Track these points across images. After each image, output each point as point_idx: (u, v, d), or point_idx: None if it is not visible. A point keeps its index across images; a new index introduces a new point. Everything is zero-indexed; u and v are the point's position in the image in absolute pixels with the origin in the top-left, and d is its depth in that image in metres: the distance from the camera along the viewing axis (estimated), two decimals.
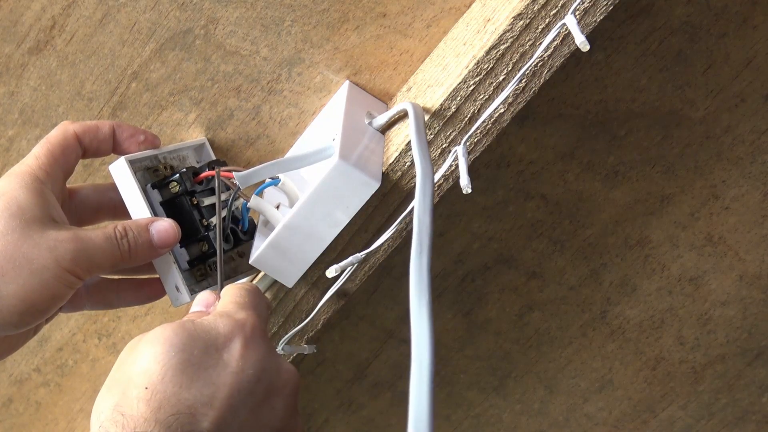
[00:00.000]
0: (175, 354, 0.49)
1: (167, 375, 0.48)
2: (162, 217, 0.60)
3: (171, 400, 0.47)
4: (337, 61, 0.67)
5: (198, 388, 0.48)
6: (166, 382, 0.48)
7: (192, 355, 0.49)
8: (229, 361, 0.50)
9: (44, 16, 0.66)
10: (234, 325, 0.51)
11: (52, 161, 0.58)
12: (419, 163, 0.54)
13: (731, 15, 0.67)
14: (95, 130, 0.61)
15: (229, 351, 0.50)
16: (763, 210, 0.76)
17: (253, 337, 0.51)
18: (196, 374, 0.49)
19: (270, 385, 0.50)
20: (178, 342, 0.49)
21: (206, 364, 0.49)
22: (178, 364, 0.48)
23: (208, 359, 0.49)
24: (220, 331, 0.51)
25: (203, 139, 0.68)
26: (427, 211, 0.50)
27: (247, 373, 0.50)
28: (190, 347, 0.49)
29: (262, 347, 0.51)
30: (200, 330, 0.50)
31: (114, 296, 0.64)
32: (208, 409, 0.48)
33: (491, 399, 0.86)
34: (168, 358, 0.49)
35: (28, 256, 0.55)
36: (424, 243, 0.48)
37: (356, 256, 0.60)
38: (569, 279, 0.79)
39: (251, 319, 0.52)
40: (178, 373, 0.48)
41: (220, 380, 0.49)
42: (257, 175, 0.60)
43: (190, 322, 0.51)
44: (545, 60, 0.59)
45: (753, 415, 0.87)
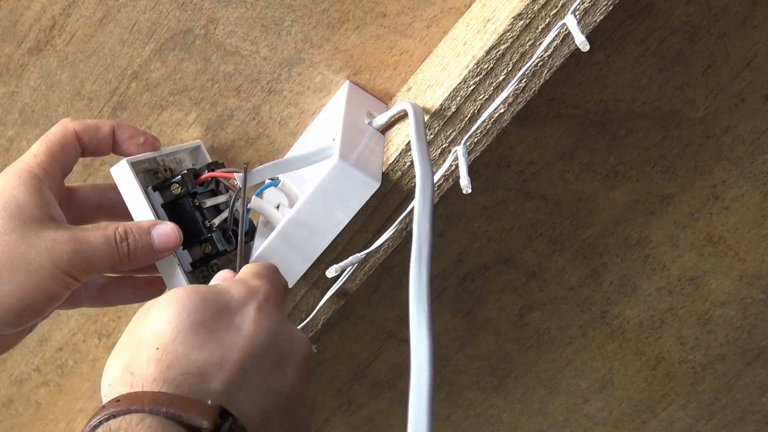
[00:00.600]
0: (188, 315, 0.48)
1: (179, 336, 0.47)
2: (164, 221, 0.60)
3: (181, 360, 0.47)
4: (337, 61, 0.67)
5: (209, 350, 0.48)
6: (177, 343, 0.47)
7: (204, 317, 0.48)
8: (241, 325, 0.49)
9: (44, 16, 0.66)
10: (248, 291, 0.51)
11: (51, 159, 0.58)
12: (419, 167, 0.54)
13: (731, 15, 0.67)
14: (95, 129, 0.61)
15: (242, 315, 0.50)
16: (763, 210, 0.76)
17: (267, 303, 0.51)
18: (208, 336, 0.48)
19: (282, 352, 0.50)
20: (191, 304, 0.49)
21: (218, 327, 0.49)
22: (190, 325, 0.48)
23: (221, 322, 0.49)
24: (233, 295, 0.51)
25: (198, 141, 0.68)
26: (427, 217, 0.50)
27: (260, 338, 0.49)
28: (203, 309, 0.49)
29: (275, 314, 0.51)
30: (214, 293, 0.50)
31: (113, 294, 0.63)
32: (218, 371, 0.47)
33: (491, 399, 0.86)
34: (180, 319, 0.48)
35: (25, 257, 0.54)
36: (423, 250, 0.48)
37: (356, 256, 0.60)
38: (569, 279, 0.79)
39: (265, 287, 0.52)
40: (189, 335, 0.48)
41: (232, 343, 0.48)
42: (258, 176, 0.60)
43: (204, 286, 0.51)
44: (545, 60, 0.59)
45: (753, 415, 0.87)
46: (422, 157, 0.55)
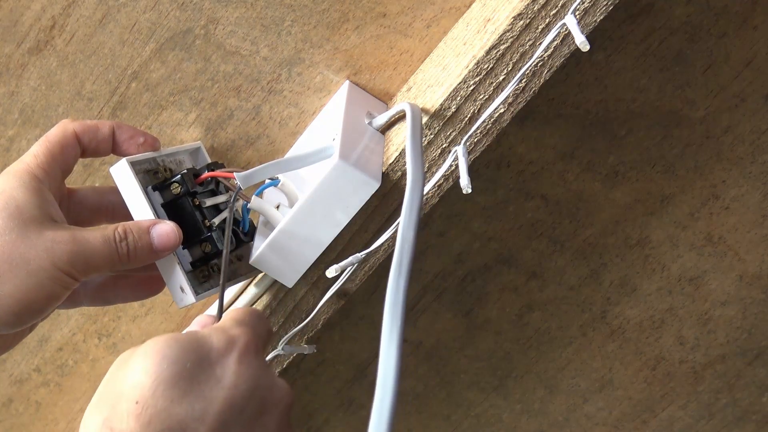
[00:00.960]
0: (168, 366, 0.48)
1: (158, 389, 0.47)
2: (164, 220, 0.60)
3: (161, 415, 0.46)
4: (337, 61, 0.67)
5: (189, 403, 0.47)
6: (157, 396, 0.47)
7: (184, 368, 0.48)
8: (221, 377, 0.49)
9: (44, 16, 0.66)
10: (228, 340, 0.50)
11: (51, 159, 0.58)
12: (410, 175, 0.54)
13: (731, 15, 0.67)
14: (95, 129, 0.61)
15: (223, 366, 0.49)
16: (763, 210, 0.76)
17: (247, 352, 0.50)
18: (189, 388, 0.48)
19: (262, 402, 0.50)
20: (171, 354, 0.48)
21: (199, 378, 0.48)
22: (170, 377, 0.47)
23: (201, 373, 0.48)
24: (213, 344, 0.50)
25: (198, 143, 0.68)
26: (412, 228, 0.50)
27: (240, 389, 0.49)
28: (183, 360, 0.48)
29: (255, 363, 0.50)
30: (193, 343, 0.50)
31: (112, 292, 0.63)
32: (200, 425, 0.47)
33: (491, 399, 0.86)
34: (160, 370, 0.47)
35: (24, 257, 0.54)
36: (404, 264, 0.48)
37: (356, 256, 0.60)
38: (569, 279, 0.79)
39: (246, 336, 0.51)
40: (169, 387, 0.47)
41: (213, 395, 0.48)
42: (257, 176, 0.60)
43: (182, 335, 0.50)
44: (545, 60, 0.59)
45: (753, 415, 0.87)
46: (415, 163, 0.54)
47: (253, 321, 0.54)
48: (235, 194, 0.61)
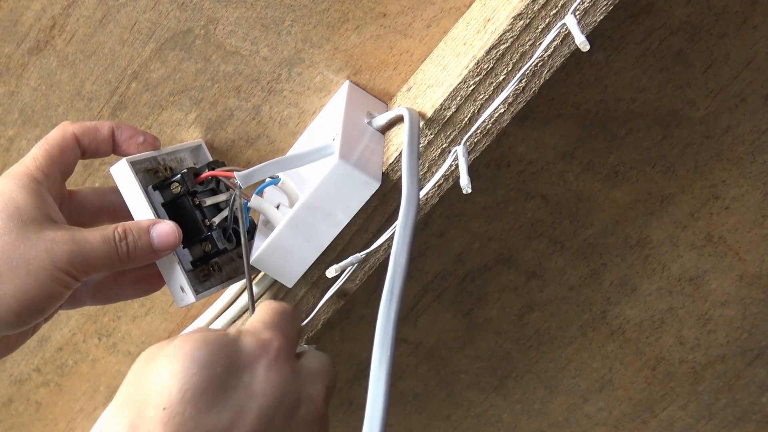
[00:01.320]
0: (197, 371, 0.46)
1: (186, 395, 0.46)
2: (163, 219, 0.60)
3: (188, 424, 0.45)
4: (337, 61, 0.67)
5: (218, 412, 0.46)
6: (185, 403, 0.45)
7: (214, 373, 0.47)
8: (250, 384, 0.48)
9: (44, 16, 0.66)
10: (258, 345, 0.49)
11: (50, 162, 0.58)
12: (405, 185, 0.53)
13: (731, 15, 0.67)
14: (94, 130, 0.61)
15: (252, 372, 0.48)
16: (763, 210, 0.76)
17: (278, 359, 0.49)
18: (217, 396, 0.46)
19: (291, 412, 0.49)
20: (200, 358, 0.47)
21: (227, 385, 0.47)
22: (198, 383, 0.46)
23: (230, 380, 0.47)
24: (243, 349, 0.49)
25: (200, 140, 0.68)
26: (405, 249, 0.49)
27: (269, 398, 0.48)
28: (213, 365, 0.47)
29: (285, 371, 0.49)
30: (224, 346, 0.48)
31: (113, 290, 0.63)
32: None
33: (491, 399, 0.86)
34: (189, 376, 0.46)
35: (25, 257, 0.55)
36: (396, 286, 0.47)
37: (356, 256, 0.60)
38: (569, 279, 0.79)
39: (277, 341, 0.50)
40: (198, 394, 0.46)
41: (241, 404, 0.47)
42: (257, 174, 0.60)
43: (213, 336, 0.49)
44: (545, 60, 0.59)
45: (753, 415, 0.87)
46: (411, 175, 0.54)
47: (285, 323, 0.53)
48: (236, 193, 0.61)
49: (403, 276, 0.48)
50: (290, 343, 0.52)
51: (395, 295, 0.47)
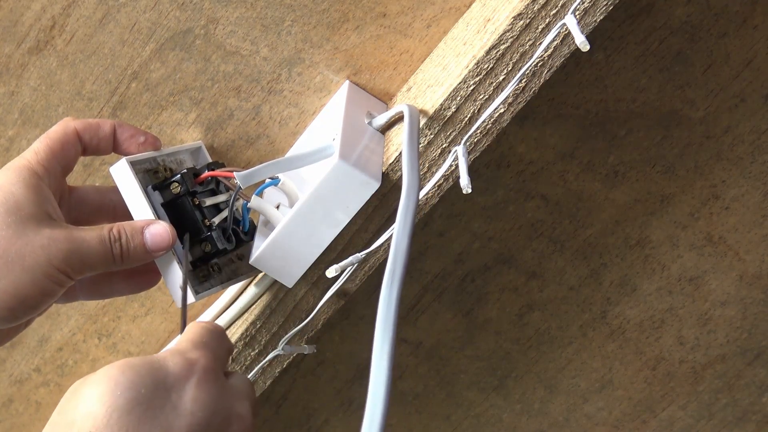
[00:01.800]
0: (122, 393, 0.46)
1: (113, 417, 0.45)
2: (158, 220, 0.60)
3: None
4: (337, 61, 0.67)
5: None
6: (112, 425, 0.45)
7: (139, 394, 0.46)
8: (178, 404, 0.47)
9: (44, 16, 0.66)
10: (185, 364, 0.49)
11: (51, 156, 0.58)
12: (406, 177, 0.53)
13: (731, 15, 0.67)
14: (96, 127, 0.61)
15: (180, 392, 0.48)
16: (763, 210, 0.76)
17: (206, 378, 0.49)
18: (144, 416, 0.46)
19: (222, 430, 0.48)
20: (125, 381, 0.46)
21: (154, 405, 0.46)
22: (124, 404, 0.46)
23: (157, 400, 0.47)
24: (170, 369, 0.48)
25: (199, 142, 0.68)
26: (407, 236, 0.49)
27: (197, 416, 0.47)
28: (138, 386, 0.47)
29: (213, 390, 0.49)
30: (148, 368, 0.48)
31: (107, 286, 0.63)
32: None
33: (491, 399, 0.86)
34: (114, 398, 0.46)
35: (20, 253, 0.54)
36: (397, 272, 0.47)
37: (356, 256, 0.60)
38: (569, 279, 0.79)
39: (204, 359, 0.50)
40: (124, 415, 0.45)
41: (169, 423, 0.46)
42: (257, 175, 0.60)
43: (138, 359, 0.49)
44: (545, 60, 0.59)
45: (753, 415, 0.87)
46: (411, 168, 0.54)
47: (213, 342, 0.52)
48: (235, 193, 0.61)
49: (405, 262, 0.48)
50: (218, 362, 0.51)
51: (396, 280, 0.47)
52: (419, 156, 0.59)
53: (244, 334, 0.66)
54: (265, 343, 0.66)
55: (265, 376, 0.67)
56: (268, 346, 0.66)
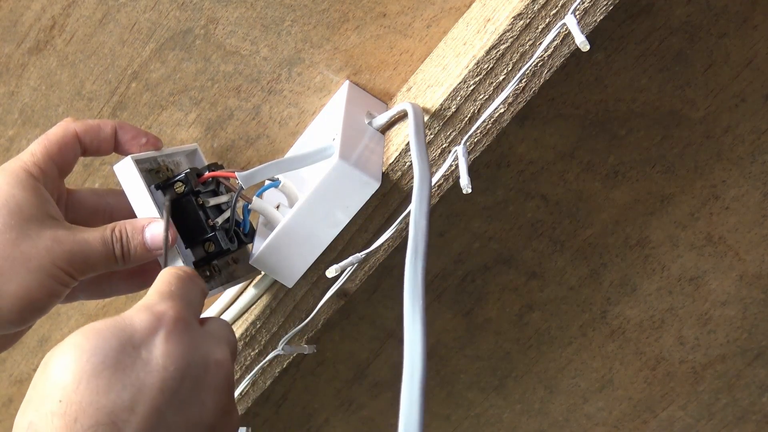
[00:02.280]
0: (88, 360, 0.45)
1: (81, 383, 0.44)
2: (158, 218, 0.59)
3: (88, 410, 0.43)
4: (337, 61, 0.67)
5: (117, 393, 0.44)
6: (81, 391, 0.44)
7: (106, 357, 0.45)
8: (149, 359, 0.46)
9: (44, 16, 0.66)
10: (152, 319, 0.47)
11: (48, 158, 0.58)
12: (417, 166, 0.54)
13: (731, 15, 0.67)
14: (97, 129, 0.60)
15: (149, 348, 0.46)
16: (763, 210, 0.76)
17: (176, 329, 0.47)
18: (114, 377, 0.45)
19: (197, 381, 0.47)
20: (89, 346, 0.45)
21: (123, 365, 0.45)
22: (92, 369, 0.45)
23: (125, 359, 0.45)
24: (136, 326, 0.47)
25: (195, 145, 0.68)
26: (424, 215, 0.50)
27: (170, 370, 0.46)
28: (104, 349, 0.45)
29: (186, 340, 0.47)
30: (113, 329, 0.46)
31: (107, 285, 0.63)
32: (130, 415, 0.44)
33: (491, 399, 0.86)
34: (80, 365, 0.45)
35: (25, 255, 0.54)
36: (419, 248, 0.47)
37: (356, 256, 0.60)
38: (569, 279, 0.79)
39: (173, 310, 0.48)
40: (93, 379, 0.44)
41: (141, 381, 0.45)
42: (259, 175, 0.60)
43: (101, 322, 0.47)
44: (545, 60, 0.59)
45: (753, 415, 0.87)
46: (421, 159, 0.55)
47: (183, 288, 0.51)
48: (237, 193, 0.61)
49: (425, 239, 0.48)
50: (190, 309, 0.50)
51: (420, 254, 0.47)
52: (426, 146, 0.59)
53: (244, 334, 0.66)
54: (265, 343, 0.66)
55: (265, 376, 0.67)
56: (268, 346, 0.66)
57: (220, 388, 0.48)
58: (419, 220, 0.50)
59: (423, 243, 0.48)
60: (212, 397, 0.47)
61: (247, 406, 0.69)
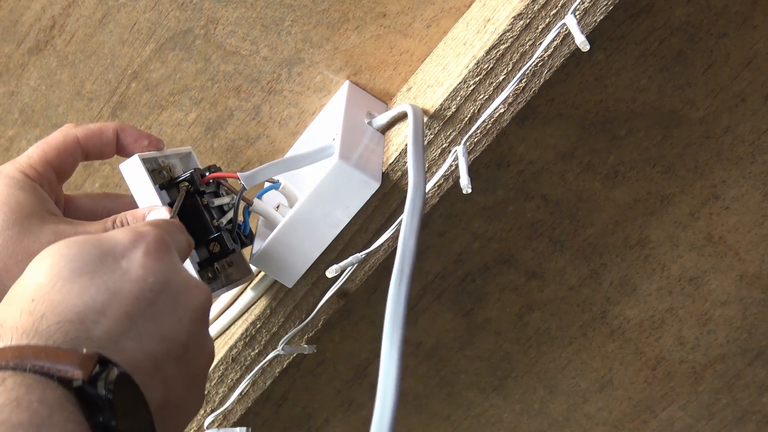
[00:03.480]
0: (66, 264, 0.44)
1: (56, 286, 0.43)
2: (159, 206, 0.59)
3: (57, 308, 0.42)
4: (337, 61, 0.67)
5: (90, 295, 0.43)
6: (55, 292, 0.43)
7: (84, 264, 0.44)
8: (128, 269, 0.45)
9: (44, 16, 0.66)
10: (135, 235, 0.47)
11: (44, 162, 0.58)
12: (412, 176, 0.53)
13: (731, 15, 0.67)
14: (98, 134, 0.60)
15: (129, 259, 0.46)
16: (763, 210, 0.76)
17: (158, 248, 0.47)
18: (90, 282, 0.44)
19: (175, 298, 0.46)
20: (70, 253, 0.45)
21: (102, 272, 0.44)
22: (69, 274, 0.44)
23: (104, 267, 0.45)
24: (119, 239, 0.46)
25: (189, 148, 0.67)
26: (413, 234, 0.49)
27: (148, 282, 0.45)
28: (83, 256, 0.45)
29: (168, 260, 0.47)
30: (95, 240, 0.46)
31: None
32: (100, 317, 0.43)
33: (491, 399, 0.86)
34: (58, 269, 0.44)
35: (29, 251, 0.54)
36: (405, 269, 0.47)
37: (356, 256, 0.60)
38: (569, 279, 0.79)
39: (156, 232, 0.48)
40: (68, 283, 0.43)
41: (117, 287, 0.44)
42: (260, 175, 0.60)
43: (83, 236, 0.47)
44: (545, 60, 0.59)
45: (753, 415, 0.87)
46: (417, 165, 0.54)
47: (169, 225, 0.51)
48: (240, 193, 0.61)
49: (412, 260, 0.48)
50: (173, 241, 0.50)
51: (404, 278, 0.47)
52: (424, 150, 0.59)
53: (244, 334, 0.66)
54: (265, 343, 0.66)
55: (265, 376, 0.67)
56: (268, 346, 0.66)
57: (198, 309, 0.47)
58: (408, 239, 0.49)
59: (409, 265, 0.47)
60: (189, 316, 0.46)
61: (247, 406, 0.69)
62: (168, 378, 0.44)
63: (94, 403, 0.39)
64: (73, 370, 0.39)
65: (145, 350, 0.43)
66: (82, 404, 0.39)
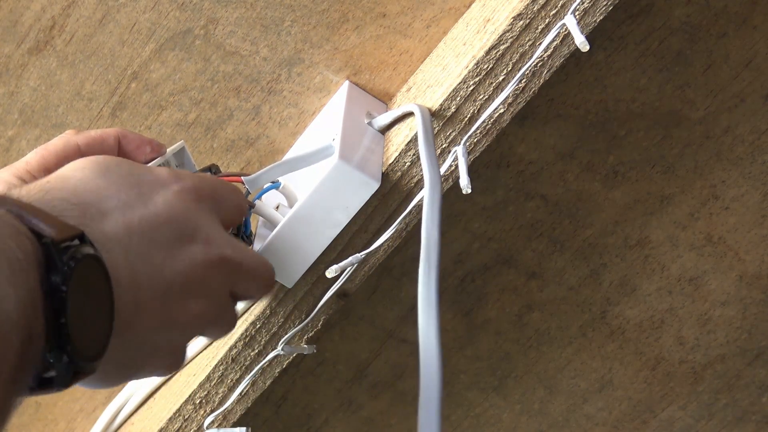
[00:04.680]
0: (102, 167, 0.44)
1: (83, 175, 0.43)
2: None
3: (65, 188, 0.42)
4: (337, 61, 0.67)
5: (104, 197, 0.43)
6: (75, 180, 0.43)
7: (119, 174, 0.44)
8: (150, 197, 0.45)
9: (44, 16, 0.66)
10: (173, 175, 0.47)
11: (42, 167, 0.57)
12: (427, 173, 0.54)
13: (731, 15, 0.67)
14: (100, 141, 0.59)
15: (156, 190, 0.45)
16: (763, 210, 0.76)
17: (189, 193, 0.47)
18: (110, 188, 0.43)
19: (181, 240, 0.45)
20: (111, 162, 0.45)
21: (127, 187, 0.44)
22: (100, 173, 0.44)
23: (131, 186, 0.44)
24: (155, 172, 0.46)
25: (182, 143, 0.67)
26: (436, 225, 0.50)
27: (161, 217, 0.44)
28: (120, 168, 0.45)
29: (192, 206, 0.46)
30: (140, 166, 0.46)
31: None
32: (101, 216, 0.42)
33: (491, 399, 0.86)
34: (94, 168, 0.44)
35: None
36: (432, 258, 0.47)
37: (356, 256, 0.60)
38: (569, 279, 0.79)
39: (195, 181, 0.48)
40: (93, 180, 0.43)
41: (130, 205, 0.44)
42: (263, 178, 0.60)
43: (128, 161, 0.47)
44: (545, 60, 0.59)
45: (753, 415, 0.87)
46: (431, 165, 0.54)
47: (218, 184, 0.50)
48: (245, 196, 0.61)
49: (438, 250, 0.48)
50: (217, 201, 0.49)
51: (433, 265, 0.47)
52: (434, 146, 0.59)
53: (244, 334, 0.66)
54: (265, 343, 0.66)
55: (265, 376, 0.67)
56: (268, 346, 0.66)
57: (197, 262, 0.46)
58: (431, 230, 0.49)
59: (435, 253, 0.47)
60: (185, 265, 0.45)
61: (247, 406, 0.69)
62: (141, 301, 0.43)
63: (54, 264, 0.36)
64: (49, 230, 0.37)
65: (130, 266, 0.42)
66: (44, 261, 0.36)
